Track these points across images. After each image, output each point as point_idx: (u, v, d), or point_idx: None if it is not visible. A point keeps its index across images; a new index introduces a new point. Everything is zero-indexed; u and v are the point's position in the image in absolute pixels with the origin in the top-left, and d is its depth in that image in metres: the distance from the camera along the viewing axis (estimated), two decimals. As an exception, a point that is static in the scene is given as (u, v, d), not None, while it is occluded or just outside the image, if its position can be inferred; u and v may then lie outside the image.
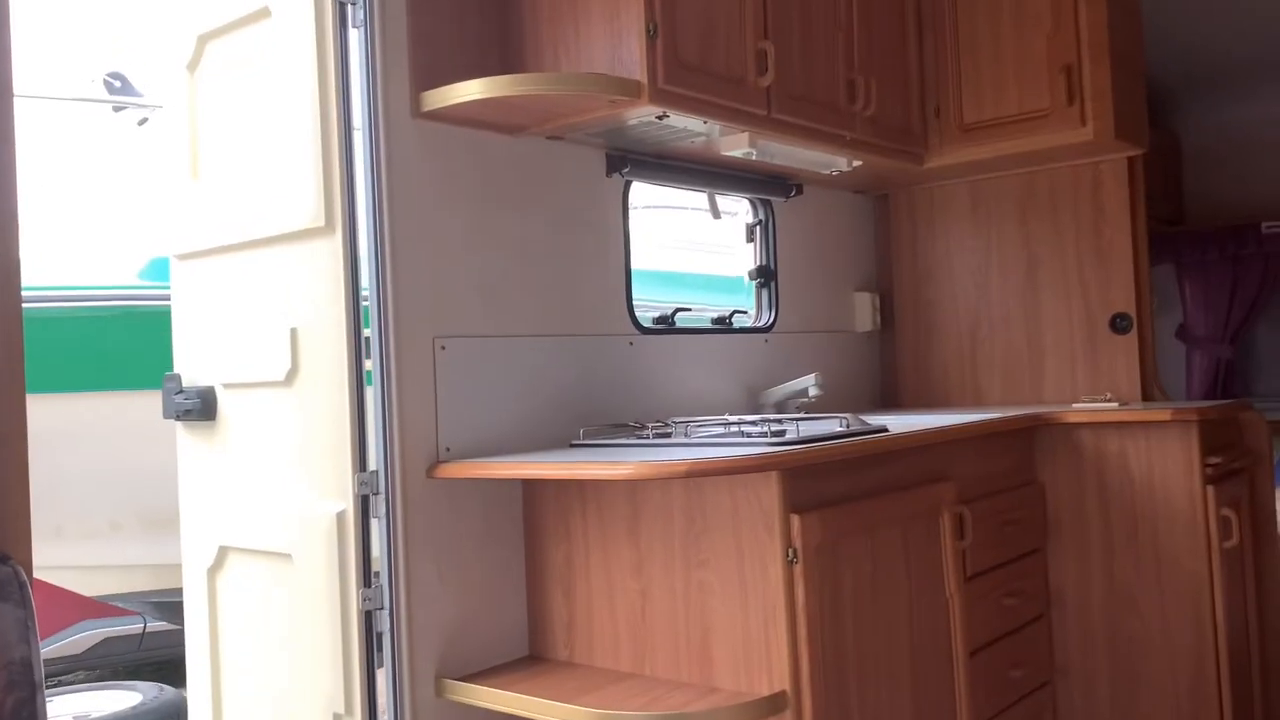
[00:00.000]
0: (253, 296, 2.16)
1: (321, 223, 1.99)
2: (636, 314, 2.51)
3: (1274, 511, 2.82)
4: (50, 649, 3.96)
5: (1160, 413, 2.49)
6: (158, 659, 4.34)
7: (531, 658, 2.15)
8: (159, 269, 3.32)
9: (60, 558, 3.61)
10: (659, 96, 2.07)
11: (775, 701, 1.78)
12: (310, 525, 2.02)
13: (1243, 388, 4.93)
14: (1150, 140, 2.95)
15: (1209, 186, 5.01)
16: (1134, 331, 2.90)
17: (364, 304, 1.99)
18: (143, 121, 3.73)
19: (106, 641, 4.13)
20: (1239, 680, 2.52)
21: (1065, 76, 2.70)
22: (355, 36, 1.99)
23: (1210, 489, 2.44)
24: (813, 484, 1.87)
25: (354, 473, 1.96)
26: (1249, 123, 4.91)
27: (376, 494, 1.96)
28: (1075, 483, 2.61)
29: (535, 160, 2.28)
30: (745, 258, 3.02)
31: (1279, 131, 4.87)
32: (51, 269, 3.50)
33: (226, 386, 2.23)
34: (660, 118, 2.19)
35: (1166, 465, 2.49)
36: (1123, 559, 2.54)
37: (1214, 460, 2.48)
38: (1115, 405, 2.69)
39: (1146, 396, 2.89)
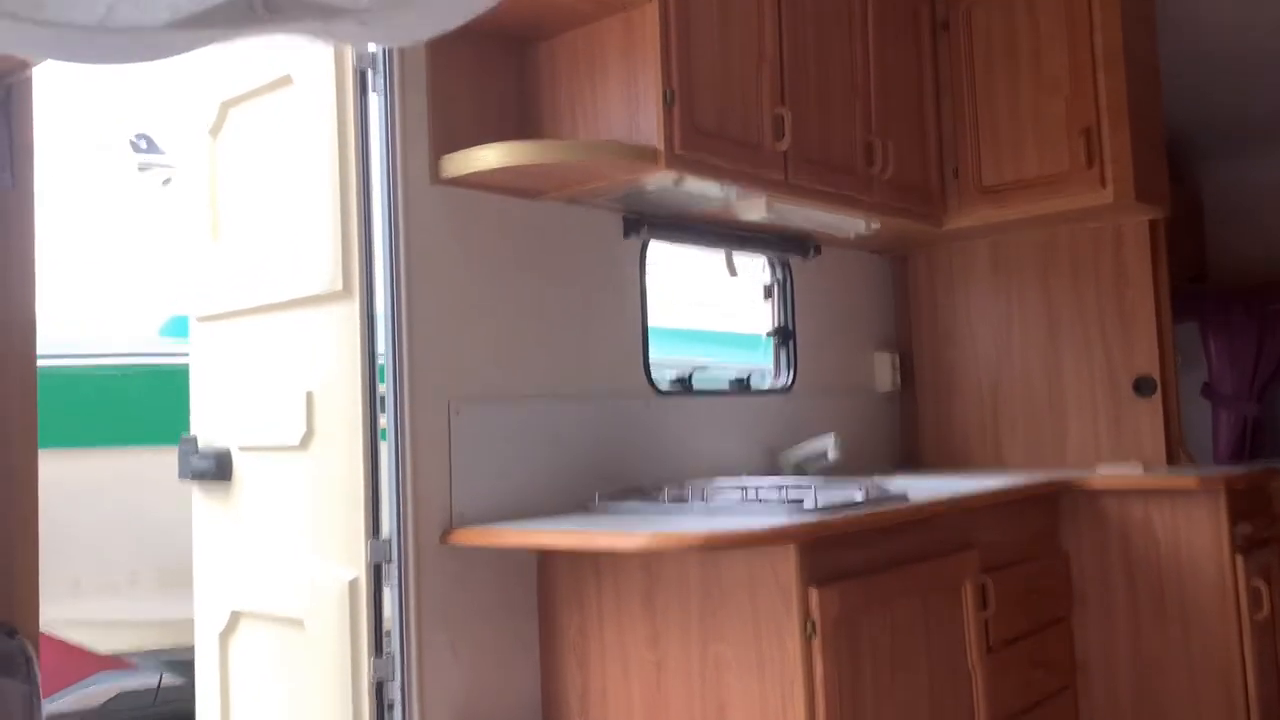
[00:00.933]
0: (270, 359, 2.16)
1: (339, 287, 2.00)
2: (653, 374, 2.49)
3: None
4: (66, 701, 3.93)
5: (1186, 480, 2.45)
6: (172, 713, 4.30)
7: (544, 728, 2.11)
8: (180, 326, 3.35)
9: (77, 612, 3.60)
10: (676, 162, 2.07)
11: (792, 780, 1.74)
12: (322, 592, 2.00)
13: (1271, 446, 4.84)
14: (1171, 197, 2.93)
15: (1232, 243, 4.97)
16: (1158, 394, 2.85)
17: (380, 363, 1.99)
18: (167, 181, 3.78)
19: (121, 695, 4.10)
20: (1273, 756, 2.45)
21: (1084, 139, 2.69)
22: (375, 102, 2.01)
23: (1240, 558, 2.39)
24: (831, 555, 1.84)
25: (367, 539, 1.94)
26: (1272, 178, 4.88)
27: (389, 561, 1.94)
28: (1100, 550, 2.56)
29: (552, 223, 2.28)
30: (763, 315, 3.01)
31: (1302, 188, 4.84)
32: (75, 325, 3.53)
33: (242, 449, 2.22)
34: (677, 182, 2.20)
35: (1194, 534, 2.44)
36: (1150, 630, 2.49)
37: (1243, 529, 2.43)
38: (1140, 470, 2.64)
39: (1172, 461, 2.84)
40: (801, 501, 1.95)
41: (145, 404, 3.46)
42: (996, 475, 2.68)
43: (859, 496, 2.04)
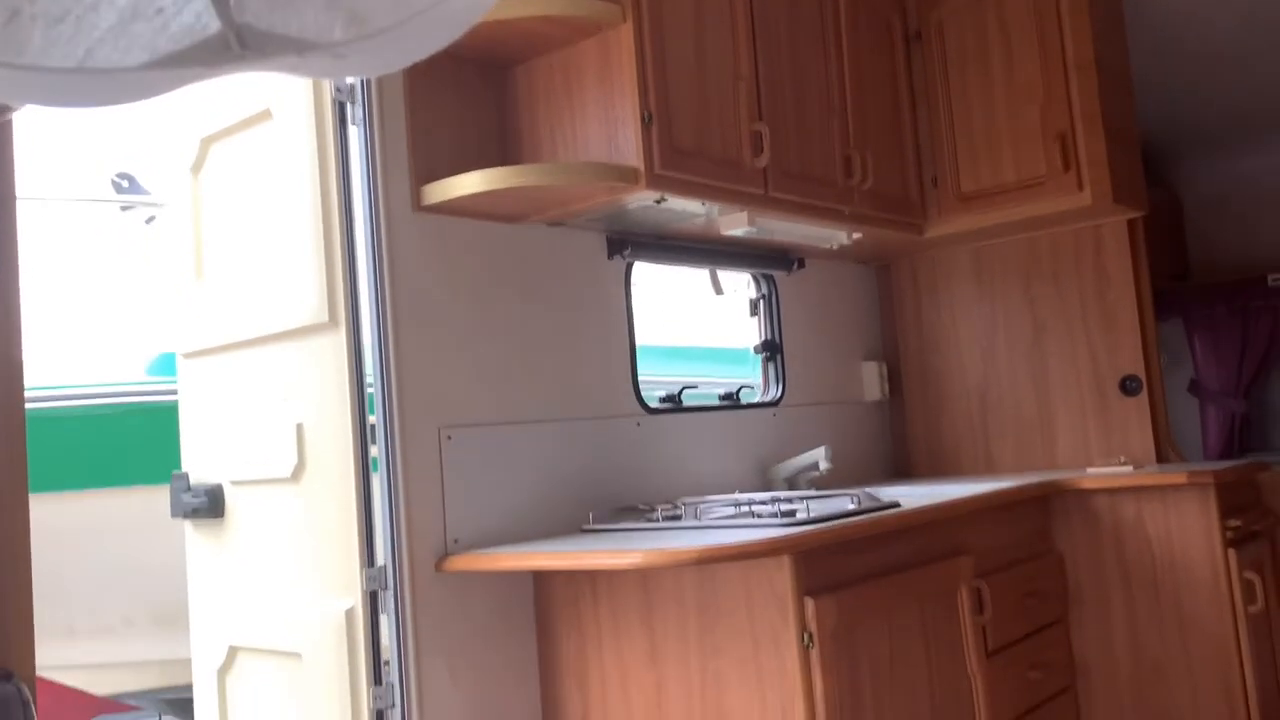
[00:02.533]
0: (259, 393, 2.16)
1: (325, 318, 2.00)
2: (643, 393, 2.50)
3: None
4: (65, 746, 3.90)
5: (1175, 476, 2.47)
6: (171, 754, 4.27)
7: (547, 752, 2.11)
8: (168, 363, 3.34)
9: (72, 657, 3.57)
10: (656, 181, 2.09)
11: (797, 793, 1.74)
12: (319, 623, 1.99)
13: (1260, 441, 4.87)
14: (1150, 197, 2.96)
15: (1213, 240, 5.02)
16: (1144, 393, 2.87)
17: (369, 392, 1.99)
18: (150, 219, 3.79)
19: (120, 738, 4.08)
20: (1275, 749, 2.45)
21: (1059, 144, 2.72)
22: (355, 134, 2.02)
23: (1231, 552, 2.40)
24: (826, 565, 1.85)
25: (362, 568, 1.94)
26: (1249, 175, 4.92)
27: (385, 589, 1.94)
28: (1094, 550, 2.57)
29: (536, 247, 2.29)
30: (750, 330, 3.02)
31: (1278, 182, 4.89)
32: (62, 367, 3.52)
33: (234, 484, 2.22)
34: (659, 201, 2.21)
35: (1185, 529, 2.45)
36: (1147, 628, 2.49)
37: (1234, 523, 2.44)
38: (1130, 469, 2.66)
39: (1161, 458, 2.86)
40: (795, 513, 1.96)
41: (136, 443, 3.45)
42: (988, 480, 2.70)
43: (852, 506, 2.05)
